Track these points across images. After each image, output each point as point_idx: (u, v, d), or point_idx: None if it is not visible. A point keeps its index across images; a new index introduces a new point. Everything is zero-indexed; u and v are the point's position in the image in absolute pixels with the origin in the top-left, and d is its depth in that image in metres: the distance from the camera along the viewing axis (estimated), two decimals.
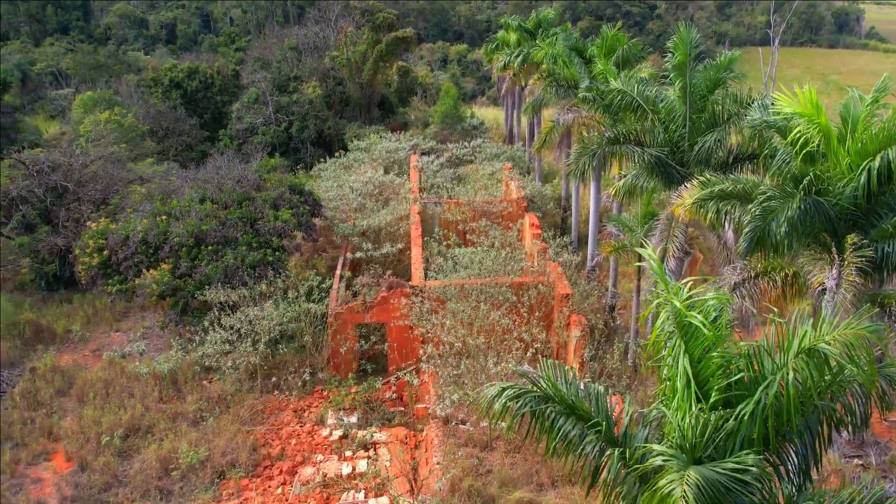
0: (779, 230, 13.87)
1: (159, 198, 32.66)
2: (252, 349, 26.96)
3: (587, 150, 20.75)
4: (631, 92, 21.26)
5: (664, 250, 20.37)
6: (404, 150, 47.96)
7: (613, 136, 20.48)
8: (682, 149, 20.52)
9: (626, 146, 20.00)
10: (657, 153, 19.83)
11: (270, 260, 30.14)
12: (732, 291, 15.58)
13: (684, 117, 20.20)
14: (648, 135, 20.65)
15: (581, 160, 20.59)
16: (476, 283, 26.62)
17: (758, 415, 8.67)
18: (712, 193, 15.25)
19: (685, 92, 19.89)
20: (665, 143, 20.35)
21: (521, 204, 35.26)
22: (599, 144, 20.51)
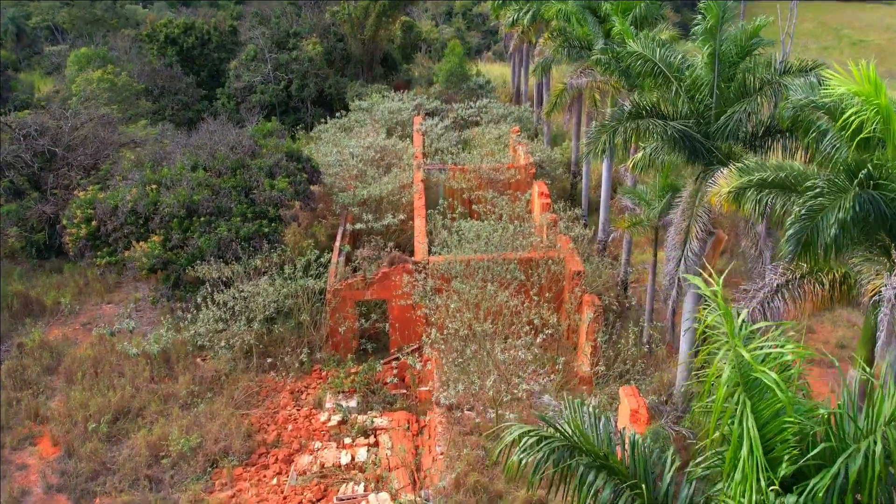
0: (828, 231, 12.30)
1: (149, 165, 31.05)
2: (247, 327, 25.61)
3: (607, 126, 19.03)
4: (652, 57, 19.47)
5: (686, 230, 18.81)
6: (407, 111, 46.09)
7: (635, 109, 18.75)
8: (707, 120, 18.79)
9: (649, 120, 18.30)
10: (682, 126, 18.12)
11: (266, 231, 28.64)
12: (775, 295, 14.07)
13: (711, 86, 18.44)
14: (671, 105, 18.92)
15: (601, 138, 18.89)
16: (482, 259, 25.13)
17: (834, 490, 7.23)
18: (751, 182, 13.65)
19: (714, 58, 18.10)
20: (689, 115, 18.63)
21: (529, 171, 33.58)
22: (620, 120, 18.80)
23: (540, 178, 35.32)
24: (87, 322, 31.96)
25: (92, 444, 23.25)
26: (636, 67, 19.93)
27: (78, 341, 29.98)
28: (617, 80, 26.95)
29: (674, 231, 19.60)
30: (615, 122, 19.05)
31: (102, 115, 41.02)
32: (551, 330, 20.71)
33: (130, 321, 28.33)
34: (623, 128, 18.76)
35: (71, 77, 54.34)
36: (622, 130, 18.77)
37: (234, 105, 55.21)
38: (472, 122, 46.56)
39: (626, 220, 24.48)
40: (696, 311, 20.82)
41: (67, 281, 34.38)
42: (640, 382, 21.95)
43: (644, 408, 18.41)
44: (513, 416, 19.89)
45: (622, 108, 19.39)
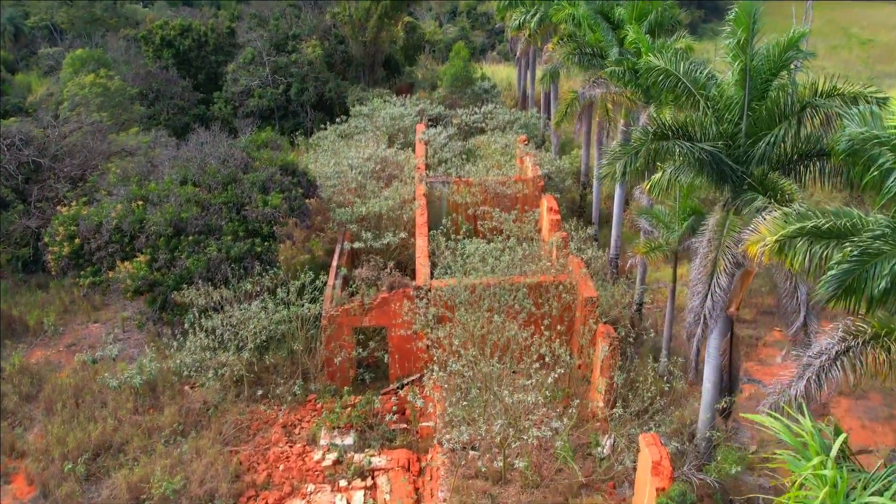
0: (878, 282, 10.63)
1: (136, 179, 29.38)
2: (236, 356, 23.94)
3: (628, 149, 17.32)
4: (676, 72, 17.76)
5: (713, 263, 17.10)
6: (410, 117, 44.40)
7: (659, 130, 17.02)
8: (737, 143, 17.05)
9: (675, 142, 16.59)
10: (712, 149, 16.40)
11: (259, 251, 26.98)
12: (833, 363, 12.38)
13: (742, 106, 16.72)
14: (697, 125, 17.19)
15: (621, 161, 17.17)
16: (488, 285, 23.45)
17: None
18: (802, 230, 11.93)
19: (745, 75, 16.37)
20: (718, 136, 16.91)
21: (537, 184, 31.87)
22: (643, 141, 17.08)
23: (548, 190, 33.63)
24: (71, 343, 30.39)
25: (69, 485, 21.62)
26: (656, 83, 18.20)
27: (61, 365, 28.39)
28: (633, 93, 25.22)
29: (699, 263, 17.89)
30: (638, 143, 17.32)
31: (92, 122, 39.41)
32: (563, 369, 19.01)
33: (113, 347, 26.70)
34: (646, 150, 17.02)
35: (65, 80, 52.71)
36: (644, 152, 17.03)
37: (232, 109, 53.58)
38: (477, 129, 44.85)
39: (642, 245, 22.77)
40: (721, 347, 19.12)
41: (53, 298, 32.81)
42: (658, 423, 20.23)
43: (667, 458, 16.75)
44: (521, 465, 18.22)
45: (645, 128, 17.62)
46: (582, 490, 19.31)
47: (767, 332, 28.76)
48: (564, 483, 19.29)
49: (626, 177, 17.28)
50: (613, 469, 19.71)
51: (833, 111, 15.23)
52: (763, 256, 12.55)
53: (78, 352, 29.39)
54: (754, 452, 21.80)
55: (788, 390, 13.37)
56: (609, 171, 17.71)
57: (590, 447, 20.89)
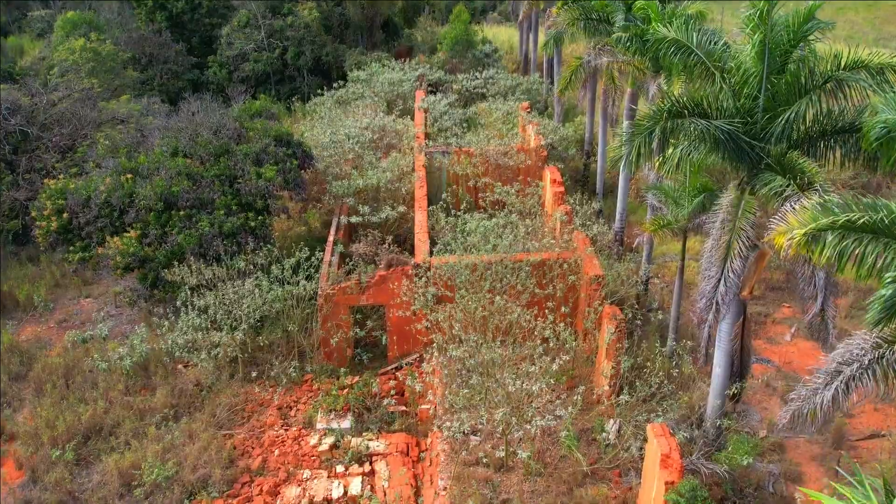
0: None
1: (125, 151, 28.38)
2: (229, 336, 23.18)
3: (641, 128, 16.30)
4: (688, 43, 16.71)
5: (727, 246, 16.23)
6: (409, 82, 43.20)
7: (674, 107, 15.99)
8: (755, 119, 16.06)
9: (690, 120, 15.60)
10: (729, 128, 15.43)
11: (252, 226, 26.10)
12: (865, 371, 11.57)
13: (760, 80, 15.71)
14: (713, 101, 16.20)
15: (635, 142, 16.17)
16: (489, 261, 22.61)
17: None
18: (835, 224, 11.01)
19: (764, 47, 15.35)
20: (735, 113, 15.93)
21: (540, 153, 30.85)
22: (657, 120, 16.08)
23: (551, 159, 32.60)
24: (63, 319, 29.67)
25: (58, 470, 21.01)
26: (667, 54, 17.14)
27: (52, 342, 27.73)
28: (640, 62, 24.10)
29: (711, 245, 17.02)
30: (651, 122, 16.32)
31: (82, 89, 38.24)
32: (569, 356, 18.23)
33: (104, 326, 25.90)
34: (660, 129, 16.03)
35: (56, 44, 51.33)
36: (659, 132, 16.03)
37: (227, 74, 52.34)
38: (478, 95, 43.68)
39: (650, 222, 21.86)
40: (732, 332, 18.34)
41: (43, 272, 32.03)
42: (666, 409, 19.52)
43: (676, 451, 16.04)
44: (524, 455, 17.54)
45: (659, 106, 16.59)
46: (586, 479, 18.67)
47: (776, 309, 27.99)
48: (568, 471, 18.64)
49: (640, 159, 16.29)
50: (619, 457, 19.05)
51: (858, 85, 14.21)
52: (790, 249, 11.66)
53: (69, 328, 28.70)
54: (764, 438, 21.16)
55: (814, 398, 12.54)
56: (625, 154, 16.73)
57: (594, 432, 20.22)
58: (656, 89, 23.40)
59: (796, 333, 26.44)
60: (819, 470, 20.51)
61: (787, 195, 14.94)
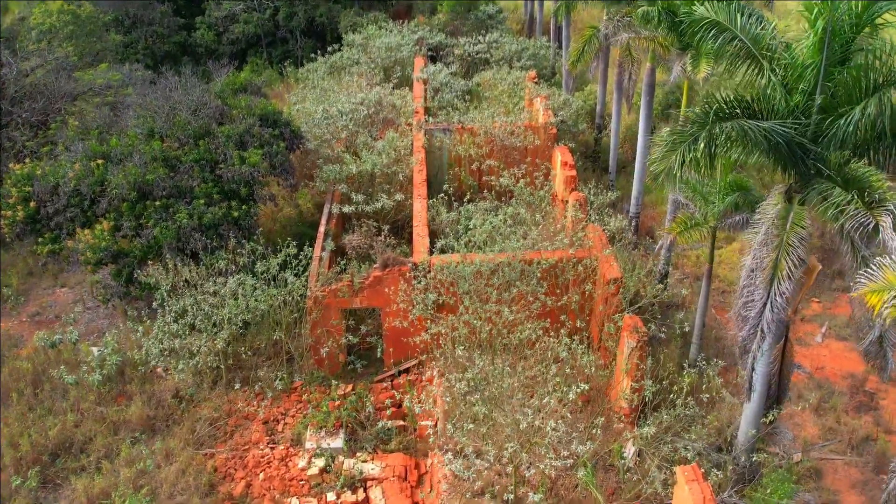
0: None
1: (95, 133, 25.95)
2: (209, 345, 21.07)
3: (683, 135, 13.94)
4: (732, 27, 14.30)
5: (773, 265, 14.02)
6: (407, 47, 40.40)
7: (725, 108, 13.57)
8: (809, 119, 13.71)
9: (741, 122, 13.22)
10: (785, 132, 13.11)
11: (235, 216, 23.82)
12: None
13: (818, 73, 13.34)
14: (763, 100, 13.84)
15: (676, 150, 13.81)
16: (495, 261, 20.41)
17: None
18: None
19: (826, 35, 12.95)
20: (787, 113, 13.59)
21: (550, 131, 28.40)
22: (702, 124, 13.71)
23: (561, 135, 30.04)
24: (36, 312, 27.62)
25: (22, 499, 19.10)
26: (705, 38, 14.71)
27: (23, 340, 25.72)
28: (666, 38, 21.56)
29: (751, 262, 14.82)
30: (696, 126, 13.93)
31: (56, 57, 35.61)
32: (586, 385, 16.07)
33: (74, 330, 23.76)
34: (707, 134, 13.65)
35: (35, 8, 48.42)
36: (706, 138, 13.66)
37: (215, 36, 49.50)
38: (481, 61, 40.94)
39: (677, 223, 19.59)
40: (773, 355, 16.22)
41: (15, 259, 29.86)
42: (692, 431, 17.48)
43: (711, 500, 14.01)
44: (536, 498, 15.54)
45: (704, 108, 14.16)
46: None
47: (805, 305, 25.83)
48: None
49: (682, 168, 13.96)
50: (640, 488, 17.06)
51: None
52: (888, 311, 9.47)
53: (42, 323, 26.70)
54: (799, 462, 19.17)
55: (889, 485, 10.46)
56: (663, 167, 14.39)
57: (612, 457, 18.24)
58: (681, 70, 20.93)
59: (827, 333, 24.34)
60: (860, 498, 18.56)
61: (850, 213, 12.67)
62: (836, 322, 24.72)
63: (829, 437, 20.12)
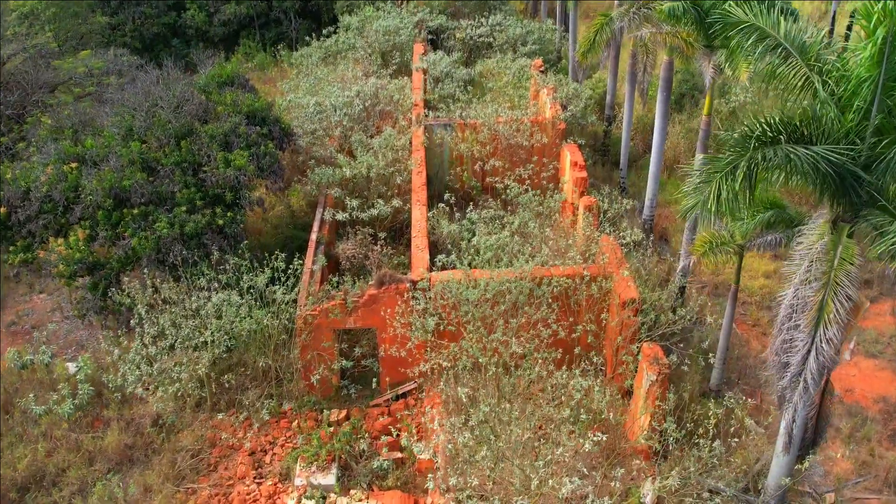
0: None
1: (70, 132, 24.13)
2: (190, 371, 19.43)
3: (720, 163, 12.13)
4: (773, 32, 12.46)
5: (819, 306, 12.32)
6: (406, 31, 38.36)
7: (769, 132, 11.77)
8: (864, 143, 11.92)
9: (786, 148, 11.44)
10: (838, 160, 11.35)
11: (220, 224, 22.07)
12: None
13: (875, 89, 11.55)
14: (813, 123, 12.04)
15: (711, 182, 12.02)
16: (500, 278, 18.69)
17: None
18: None
19: (886, 45, 11.13)
20: (840, 135, 11.81)
21: (558, 128, 26.53)
22: (742, 151, 11.93)
23: (571, 135, 28.11)
24: (12, 322, 26.06)
25: None
26: (742, 45, 12.86)
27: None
28: (690, 33, 19.65)
29: (791, 300, 13.11)
30: (735, 154, 12.14)
31: (35, 45, 33.67)
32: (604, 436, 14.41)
33: (47, 351, 22.13)
34: (747, 162, 11.86)
35: None
36: (745, 166, 11.87)
37: (206, 17, 47.38)
38: (484, 45, 38.89)
39: (701, 242, 17.84)
40: (812, 399, 14.54)
41: None
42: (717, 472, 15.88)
43: None
44: None
45: (744, 132, 12.35)
46: None
47: None
48: None
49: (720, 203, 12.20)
50: None
51: None
52: None
53: (17, 335, 25.12)
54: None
55: None
56: (696, 200, 12.59)
57: (629, 497, 16.65)
58: (713, 73, 19.04)
59: (856, 350, 22.63)
60: None
61: None
62: (864, 337, 23.01)
63: (862, 473, 18.50)
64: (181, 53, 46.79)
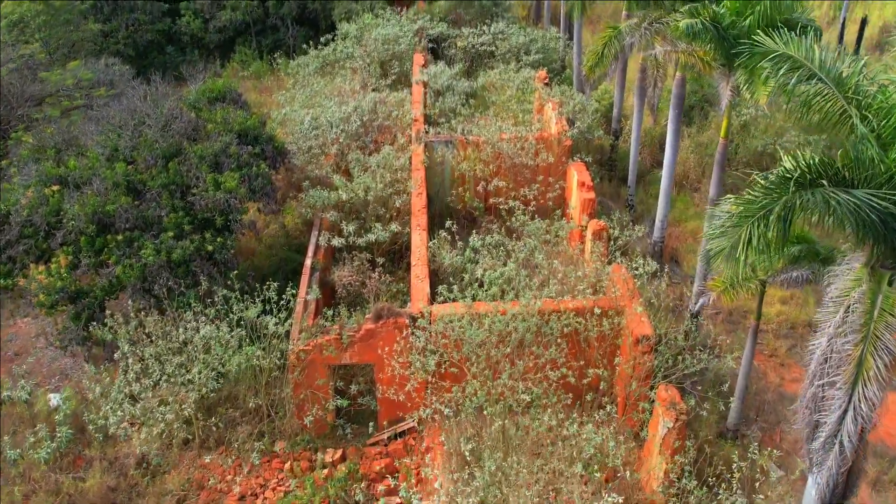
0: None
1: (52, 152, 23.00)
2: (175, 412, 18.32)
3: (752, 207, 11.00)
4: (808, 62, 11.34)
5: (857, 361, 11.21)
6: (406, 39, 37.23)
7: (808, 174, 10.65)
8: None
9: (824, 192, 10.36)
10: (882, 206, 10.24)
11: (210, 249, 20.95)
12: None
13: None
14: (856, 165, 10.92)
15: (743, 229, 10.89)
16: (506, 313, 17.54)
17: None
18: None
19: None
20: (882, 181, 10.68)
21: (564, 145, 25.39)
22: (776, 195, 10.82)
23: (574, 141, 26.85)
24: None
25: None
26: (773, 76, 11.73)
27: None
28: (707, 52, 18.51)
29: (824, 351, 11.96)
30: (768, 198, 11.02)
31: (22, 55, 32.53)
32: (620, 498, 13.28)
33: (26, 386, 21.01)
34: (782, 208, 10.75)
35: None
36: (780, 211, 10.75)
37: (202, 23, 46.26)
38: (486, 54, 37.75)
39: (721, 278, 16.70)
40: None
41: None
42: None
43: None
44: None
45: (780, 174, 11.23)
46: None
47: None
48: None
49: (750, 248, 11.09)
50: None
51: None
52: None
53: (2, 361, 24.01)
54: None
55: None
56: (724, 245, 11.48)
57: None
58: (731, 95, 17.89)
59: None
60: None
61: None
62: None
63: None
64: (176, 61, 45.77)
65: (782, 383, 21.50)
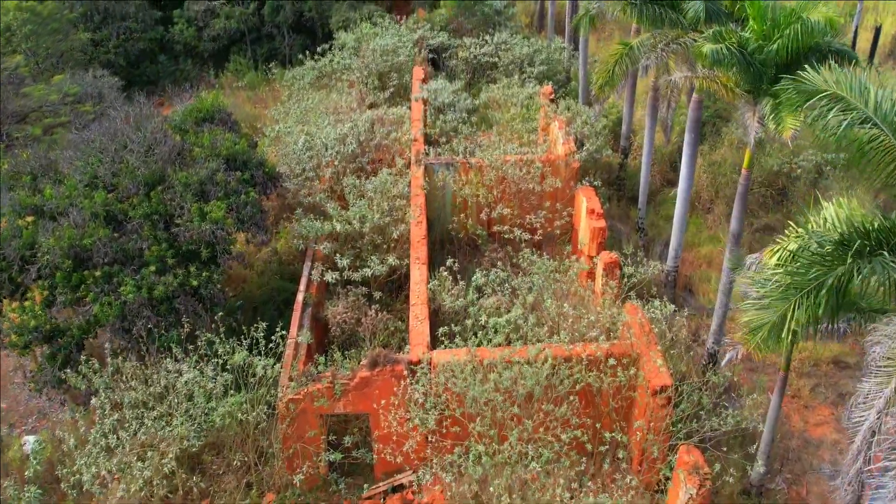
0: None
1: (28, 179, 21.60)
2: (155, 467, 16.92)
3: (804, 277, 9.66)
4: (861, 104, 9.95)
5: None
6: (406, 49, 35.85)
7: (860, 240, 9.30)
8: None
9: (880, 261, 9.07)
10: None
11: (195, 284, 19.57)
12: None
13: None
14: None
15: (792, 303, 9.56)
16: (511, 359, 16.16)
17: None
18: None
19: None
20: None
21: (572, 168, 24.01)
22: (829, 264, 9.52)
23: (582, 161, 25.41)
24: None
25: None
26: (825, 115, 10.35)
27: None
28: (730, 78, 17.07)
29: (873, 426, 10.60)
30: (819, 269, 9.69)
31: (6, 68, 31.16)
32: None
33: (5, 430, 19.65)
34: (836, 277, 9.42)
35: None
36: (834, 281, 9.43)
37: (195, 32, 44.87)
38: (489, 65, 36.36)
39: (749, 330, 15.28)
40: None
41: None
42: None
43: None
44: None
45: (832, 238, 9.88)
46: None
47: None
48: None
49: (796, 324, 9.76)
50: None
51: None
52: None
53: None
54: None
55: None
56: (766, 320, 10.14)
57: None
58: (758, 127, 16.46)
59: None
60: None
61: None
62: None
63: None
64: (168, 70, 44.44)
65: (807, 427, 20.12)
